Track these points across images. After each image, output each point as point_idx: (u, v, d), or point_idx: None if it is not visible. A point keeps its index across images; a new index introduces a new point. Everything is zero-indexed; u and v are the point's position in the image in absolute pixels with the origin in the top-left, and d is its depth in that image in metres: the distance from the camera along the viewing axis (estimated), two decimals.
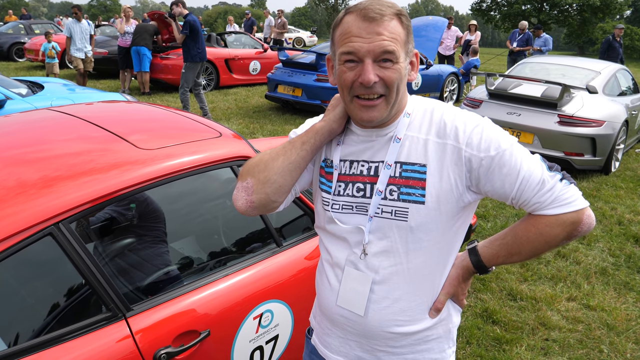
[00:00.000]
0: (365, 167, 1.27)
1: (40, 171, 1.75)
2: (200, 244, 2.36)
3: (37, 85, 6.20)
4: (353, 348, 1.33)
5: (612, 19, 45.62)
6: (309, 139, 1.28)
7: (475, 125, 1.19)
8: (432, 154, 1.20)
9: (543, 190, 1.17)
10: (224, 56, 11.79)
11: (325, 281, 1.36)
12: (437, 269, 1.28)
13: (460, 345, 3.06)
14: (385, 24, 1.15)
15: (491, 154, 1.17)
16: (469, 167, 1.18)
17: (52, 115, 2.29)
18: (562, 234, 1.19)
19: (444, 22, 11.96)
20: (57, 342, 1.53)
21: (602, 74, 6.95)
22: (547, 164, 1.20)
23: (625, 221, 5.15)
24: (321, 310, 1.40)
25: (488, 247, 1.29)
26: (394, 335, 1.27)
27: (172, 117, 2.42)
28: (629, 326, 3.33)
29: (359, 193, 1.27)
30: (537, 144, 6.17)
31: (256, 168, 1.27)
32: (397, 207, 1.21)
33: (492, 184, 1.19)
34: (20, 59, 16.07)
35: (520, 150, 1.19)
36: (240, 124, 8.46)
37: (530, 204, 1.20)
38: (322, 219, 1.36)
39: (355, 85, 1.18)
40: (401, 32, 1.18)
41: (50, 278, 1.75)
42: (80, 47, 10.27)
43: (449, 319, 1.34)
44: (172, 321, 1.75)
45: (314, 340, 1.47)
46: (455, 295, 1.32)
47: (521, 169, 1.17)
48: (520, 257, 1.26)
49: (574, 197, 1.18)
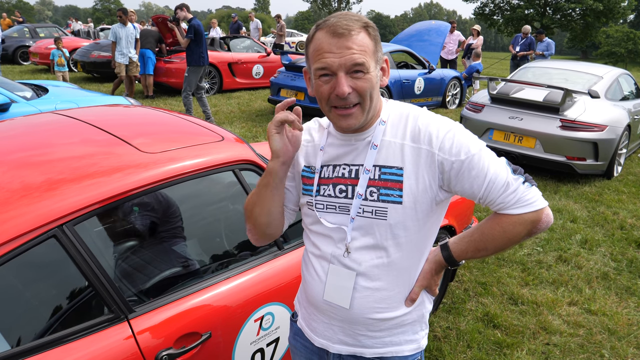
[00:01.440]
0: (346, 170, 1.37)
1: (44, 174, 1.77)
2: (202, 246, 2.38)
3: (42, 88, 6.23)
4: (336, 332, 1.43)
5: (615, 23, 45.64)
6: (269, 181, 1.40)
7: (447, 131, 1.29)
8: (408, 158, 1.30)
9: (507, 192, 1.28)
10: (227, 60, 11.82)
11: (312, 272, 1.45)
12: (413, 262, 1.39)
13: (461, 349, 3.07)
14: (353, 38, 1.23)
15: (461, 158, 1.27)
16: (441, 170, 1.29)
17: (57, 119, 2.31)
18: (523, 231, 1.31)
19: (446, 26, 12.01)
20: (60, 343, 1.54)
21: (604, 78, 6.95)
22: (512, 167, 1.31)
23: (628, 226, 5.15)
24: (307, 298, 1.49)
25: (458, 243, 1.41)
26: (374, 321, 1.38)
27: (175, 120, 2.44)
28: (630, 331, 3.33)
29: (341, 194, 1.37)
30: (539, 148, 6.17)
31: (247, 214, 1.48)
32: (377, 207, 1.32)
33: (462, 185, 1.30)
34: (25, 62, 16.15)
35: (487, 154, 1.30)
36: (243, 128, 8.49)
37: (495, 204, 1.30)
38: (308, 219, 1.46)
39: (332, 97, 1.27)
40: (369, 44, 1.26)
41: (54, 280, 1.76)
42: (125, 53, 10.08)
43: (423, 306, 1.46)
44: (173, 323, 1.76)
45: (300, 324, 1.56)
46: (428, 286, 1.44)
47: (488, 172, 1.28)
48: (486, 252, 1.38)
49: (534, 198, 1.29)
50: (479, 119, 6.67)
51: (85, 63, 12.63)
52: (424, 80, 10.19)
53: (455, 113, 10.55)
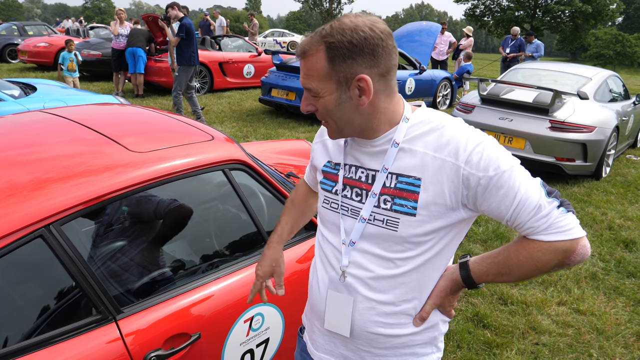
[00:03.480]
0: (364, 174, 1.30)
1: (32, 173, 1.75)
2: (191, 246, 2.36)
3: (30, 87, 6.17)
4: (338, 346, 1.37)
5: (604, 26, 46.06)
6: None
7: (477, 144, 1.18)
8: (428, 169, 1.20)
9: (538, 216, 1.16)
10: (218, 59, 11.78)
11: (315, 286, 1.41)
12: (425, 279, 1.29)
13: (451, 349, 3.07)
14: (306, 60, 1.20)
15: (490, 174, 1.16)
16: (466, 185, 1.18)
17: (45, 118, 2.29)
18: (553, 261, 1.18)
19: (437, 27, 12.05)
20: (47, 345, 1.52)
21: (593, 80, 7.01)
22: (547, 189, 1.20)
23: (616, 226, 5.19)
24: (312, 309, 1.45)
25: (479, 263, 1.29)
26: (377, 336, 1.30)
27: (165, 120, 2.42)
28: (618, 330, 3.36)
29: (357, 198, 1.30)
30: (528, 149, 6.21)
31: None
32: (389, 217, 1.24)
33: (488, 204, 1.19)
34: (14, 60, 16.00)
35: (520, 172, 1.19)
36: (234, 127, 8.46)
37: (524, 228, 1.19)
38: (322, 217, 1.43)
39: None
40: (322, 66, 1.17)
41: (41, 280, 1.74)
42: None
43: (436, 327, 1.35)
44: (162, 324, 1.75)
45: (306, 338, 1.51)
46: (442, 306, 1.33)
47: (518, 191, 1.16)
48: (510, 277, 1.26)
49: (569, 225, 1.17)
50: (469, 119, 6.69)
51: None
52: (414, 80, 10.22)
53: (445, 114, 10.58)
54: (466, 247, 4.47)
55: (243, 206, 2.15)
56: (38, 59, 14.20)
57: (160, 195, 2.11)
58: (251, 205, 2.16)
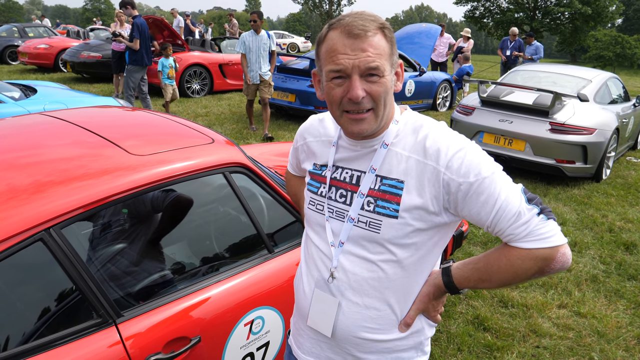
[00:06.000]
0: (348, 175, 1.31)
1: (32, 176, 1.74)
2: (192, 249, 2.36)
3: (30, 89, 6.16)
4: (324, 349, 1.37)
5: (603, 27, 46.10)
6: None
7: (458, 149, 1.18)
8: (411, 172, 1.21)
9: (518, 223, 1.17)
10: (217, 61, 11.78)
11: (300, 288, 1.42)
12: (409, 283, 1.29)
13: (452, 352, 3.07)
14: (369, 39, 1.15)
15: (470, 180, 1.16)
16: (447, 190, 1.19)
17: (45, 120, 2.29)
18: (533, 268, 1.18)
19: (437, 29, 12.06)
20: (47, 348, 1.52)
21: (593, 82, 7.01)
22: (528, 195, 1.19)
23: (616, 228, 5.19)
24: (298, 311, 1.45)
25: (461, 269, 1.30)
26: (362, 340, 1.30)
27: (165, 122, 2.42)
28: (619, 333, 3.35)
29: (341, 199, 1.31)
30: (528, 151, 6.21)
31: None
32: (371, 219, 1.25)
33: (469, 210, 1.19)
34: (14, 62, 16.00)
35: (501, 179, 1.19)
36: (234, 129, 8.45)
37: (505, 235, 1.19)
38: (308, 219, 1.42)
39: (344, 101, 1.19)
40: (385, 46, 1.18)
41: (41, 284, 1.74)
42: (255, 69, 7.64)
43: (422, 332, 1.35)
44: (162, 327, 1.75)
45: (290, 341, 1.51)
46: (426, 311, 1.33)
47: (498, 198, 1.16)
48: (490, 284, 1.26)
49: (549, 232, 1.17)
50: (469, 121, 6.70)
51: (74, 63, 12.51)
52: (414, 82, 10.22)
53: (445, 116, 10.58)
54: (467, 249, 4.47)
55: (243, 209, 2.14)
56: (38, 61, 14.21)
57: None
58: (251, 208, 2.16)
